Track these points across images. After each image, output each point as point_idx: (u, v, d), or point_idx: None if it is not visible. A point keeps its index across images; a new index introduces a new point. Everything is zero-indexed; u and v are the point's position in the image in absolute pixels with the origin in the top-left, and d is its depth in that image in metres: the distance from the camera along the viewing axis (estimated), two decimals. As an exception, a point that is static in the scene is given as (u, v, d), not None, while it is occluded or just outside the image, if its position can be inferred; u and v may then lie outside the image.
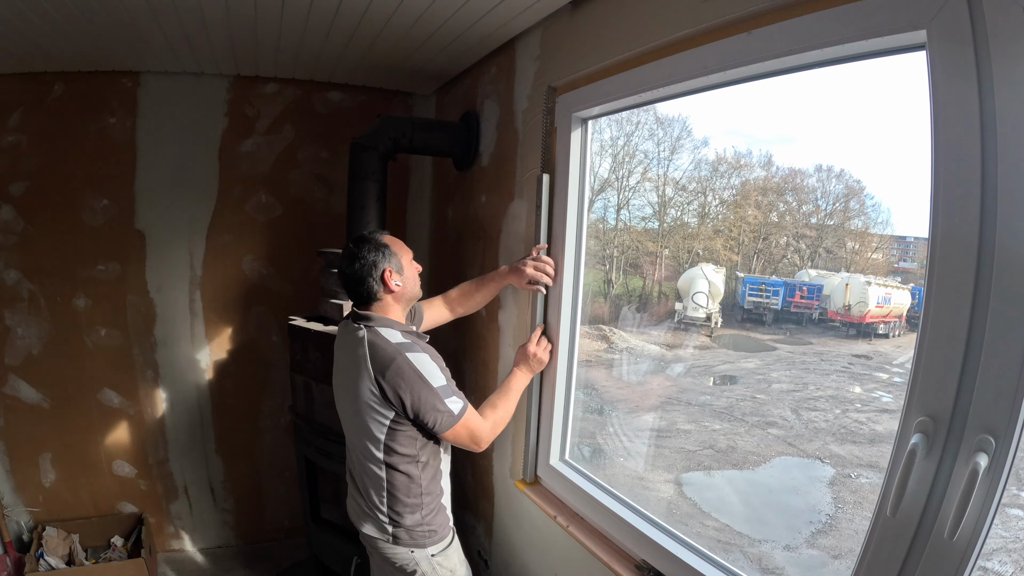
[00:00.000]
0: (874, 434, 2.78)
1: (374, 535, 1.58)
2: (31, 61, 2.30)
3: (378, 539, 1.58)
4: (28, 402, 2.60)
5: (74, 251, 2.57)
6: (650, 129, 3.72)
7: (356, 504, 1.64)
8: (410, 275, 1.62)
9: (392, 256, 1.56)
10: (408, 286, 1.61)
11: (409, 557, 1.57)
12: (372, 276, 1.53)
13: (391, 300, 1.58)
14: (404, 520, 1.55)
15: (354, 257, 1.53)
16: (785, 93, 1.73)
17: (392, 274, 1.55)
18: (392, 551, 1.57)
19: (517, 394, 1.76)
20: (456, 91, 2.67)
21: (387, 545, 1.57)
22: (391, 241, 1.59)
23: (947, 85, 0.86)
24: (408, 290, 1.61)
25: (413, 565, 1.57)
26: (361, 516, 1.62)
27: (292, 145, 2.81)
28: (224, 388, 2.87)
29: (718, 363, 3.87)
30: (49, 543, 2.52)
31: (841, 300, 3.15)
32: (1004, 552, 1.70)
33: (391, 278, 1.55)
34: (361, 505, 1.61)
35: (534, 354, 1.82)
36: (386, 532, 1.56)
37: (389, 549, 1.58)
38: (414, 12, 1.85)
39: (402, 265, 1.58)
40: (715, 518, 2.84)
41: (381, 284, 1.55)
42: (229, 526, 2.99)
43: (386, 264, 1.54)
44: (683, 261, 4.08)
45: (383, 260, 1.54)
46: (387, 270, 1.54)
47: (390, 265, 1.55)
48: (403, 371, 1.45)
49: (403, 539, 1.56)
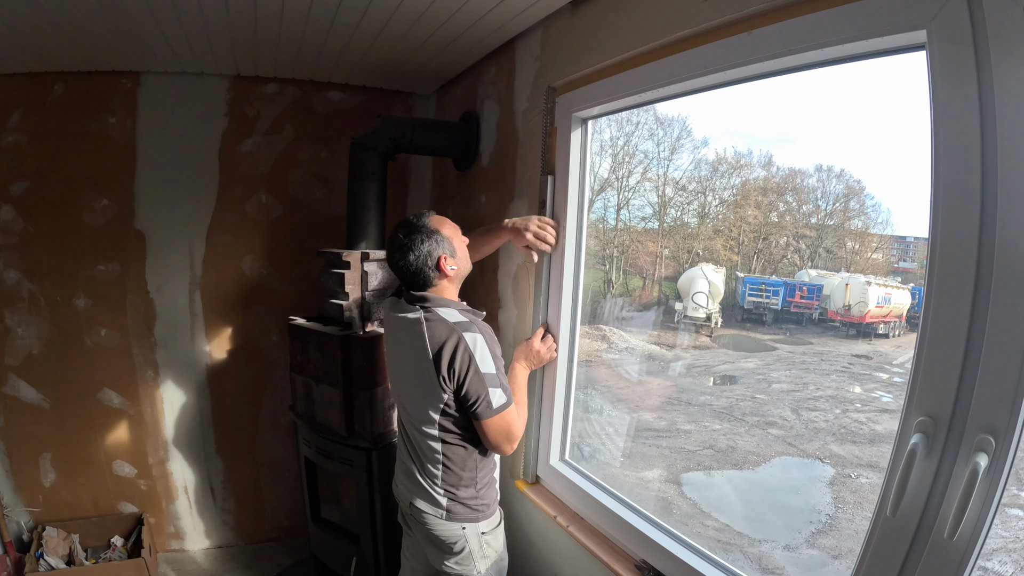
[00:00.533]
0: (874, 434, 2.78)
1: (426, 510, 1.57)
2: (31, 61, 2.29)
3: (429, 514, 1.57)
4: (28, 402, 2.59)
5: (74, 251, 2.57)
6: (650, 129, 3.72)
7: (407, 479, 1.64)
8: (463, 255, 1.60)
9: (444, 240, 1.54)
10: (462, 267, 1.60)
11: (460, 533, 1.57)
12: (428, 265, 1.52)
13: (447, 283, 1.58)
14: (459, 493, 1.56)
15: (407, 248, 1.50)
16: (785, 93, 1.73)
17: (447, 259, 1.54)
18: (443, 527, 1.57)
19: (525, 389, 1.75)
20: (456, 91, 2.67)
21: (438, 520, 1.57)
22: (440, 223, 1.56)
23: (947, 85, 0.86)
24: (462, 270, 1.61)
25: (463, 542, 1.57)
26: (411, 490, 1.61)
27: (292, 145, 2.81)
28: (224, 388, 2.87)
29: (718, 363, 3.87)
30: (49, 543, 2.52)
31: (841, 300, 3.15)
32: (1004, 552, 1.70)
33: (446, 264, 1.53)
34: (414, 479, 1.60)
35: (538, 351, 1.82)
36: (440, 507, 1.57)
37: (439, 525, 1.57)
38: (414, 12, 1.85)
39: (455, 248, 1.56)
40: (715, 518, 2.84)
41: (437, 272, 1.53)
42: (229, 526, 2.99)
43: (440, 251, 1.53)
44: (683, 261, 4.08)
45: (437, 247, 1.52)
46: (442, 256, 1.53)
47: (444, 251, 1.53)
48: (459, 350, 1.45)
49: (456, 513, 1.56)
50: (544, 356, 1.83)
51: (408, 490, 1.64)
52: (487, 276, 2.33)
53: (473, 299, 2.44)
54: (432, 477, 1.57)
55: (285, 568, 2.80)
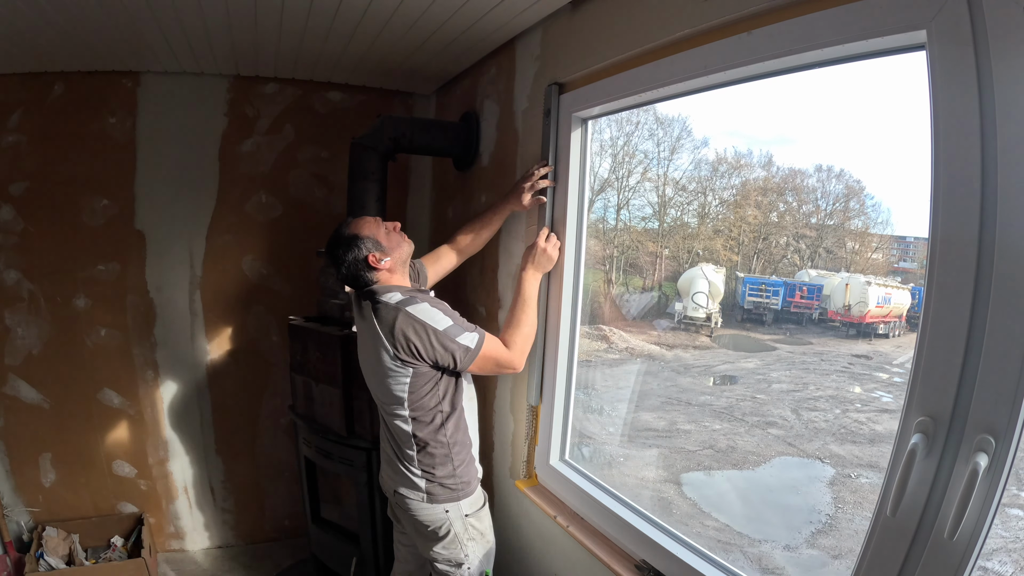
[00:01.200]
0: (874, 434, 2.78)
1: (408, 495, 1.61)
2: (31, 61, 2.29)
3: (411, 499, 1.61)
4: (28, 402, 2.59)
5: (74, 251, 2.56)
6: (650, 129, 3.73)
7: (388, 469, 1.69)
8: (391, 243, 1.64)
9: (364, 241, 1.59)
10: (395, 255, 1.64)
11: (443, 517, 1.60)
12: (360, 269, 1.59)
13: (386, 274, 1.62)
14: (436, 472, 1.59)
15: (337, 263, 1.60)
16: (785, 94, 1.73)
17: (375, 257, 1.59)
18: (426, 511, 1.61)
19: (534, 299, 1.75)
20: (456, 91, 2.67)
21: (421, 504, 1.60)
22: (357, 227, 1.62)
23: (947, 85, 0.86)
24: (397, 257, 1.64)
25: (448, 526, 1.60)
26: (394, 479, 1.66)
27: (292, 145, 2.81)
28: (224, 388, 2.87)
29: (718, 363, 3.87)
30: (49, 543, 2.52)
31: (841, 300, 3.15)
32: (1004, 552, 1.70)
33: (376, 261, 1.59)
34: (395, 466, 1.65)
35: (544, 249, 1.78)
36: (419, 490, 1.60)
37: (423, 510, 1.61)
38: (414, 12, 1.85)
39: (379, 241, 1.61)
40: (715, 518, 2.84)
41: (371, 270, 1.60)
42: (229, 526, 2.99)
43: (364, 252, 1.59)
44: (683, 261, 4.08)
45: (360, 251, 1.58)
46: (369, 256, 1.59)
47: (369, 251, 1.59)
48: (407, 324, 1.50)
49: (437, 495, 1.59)
50: (552, 255, 1.79)
51: (391, 479, 1.68)
52: (487, 276, 2.33)
53: (473, 299, 2.44)
54: (409, 460, 1.61)
55: (285, 568, 2.80)
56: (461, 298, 2.56)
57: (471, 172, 2.50)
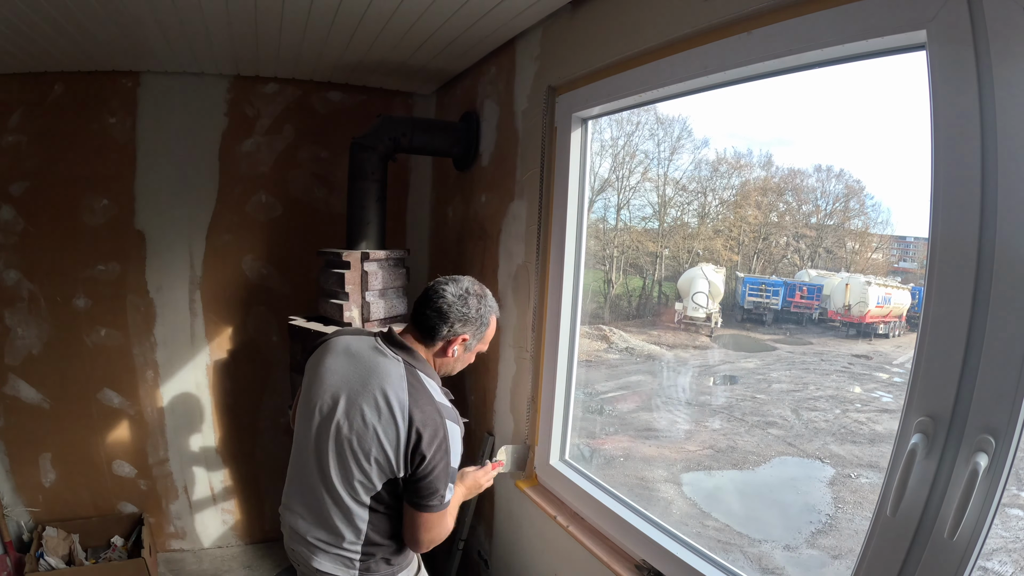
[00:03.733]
0: (874, 434, 2.78)
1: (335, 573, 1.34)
2: (31, 61, 2.29)
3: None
4: (28, 402, 2.59)
5: (74, 251, 2.57)
6: (650, 129, 3.73)
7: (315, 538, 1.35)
8: (465, 358, 1.45)
9: (481, 332, 1.40)
10: (455, 364, 1.44)
11: None
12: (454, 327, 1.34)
13: (431, 356, 1.39)
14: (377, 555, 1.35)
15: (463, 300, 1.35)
16: (784, 94, 1.73)
17: (463, 343, 1.38)
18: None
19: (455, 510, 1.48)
20: (456, 91, 2.67)
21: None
22: (494, 324, 1.44)
23: (947, 85, 0.86)
24: (449, 367, 1.44)
25: None
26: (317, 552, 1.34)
27: (292, 145, 2.81)
28: (224, 388, 2.87)
29: (718, 363, 3.87)
30: (49, 543, 2.51)
31: (841, 300, 3.15)
32: (1004, 552, 1.70)
33: (457, 344, 1.37)
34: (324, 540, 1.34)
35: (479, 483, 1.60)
36: (352, 567, 1.34)
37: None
38: (414, 12, 1.85)
39: (472, 347, 1.43)
40: (715, 518, 2.84)
41: (447, 341, 1.36)
42: (229, 526, 2.99)
43: (472, 331, 1.38)
44: (683, 261, 4.08)
45: (473, 327, 1.37)
46: (465, 337, 1.37)
47: (471, 336, 1.39)
48: (438, 437, 1.26)
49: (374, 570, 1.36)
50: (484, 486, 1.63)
51: (309, 550, 1.35)
52: (487, 276, 2.33)
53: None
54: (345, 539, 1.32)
55: (285, 568, 2.79)
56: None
57: (471, 172, 2.50)
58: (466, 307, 1.34)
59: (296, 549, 1.39)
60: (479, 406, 2.42)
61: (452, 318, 1.33)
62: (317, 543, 1.34)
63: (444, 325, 1.34)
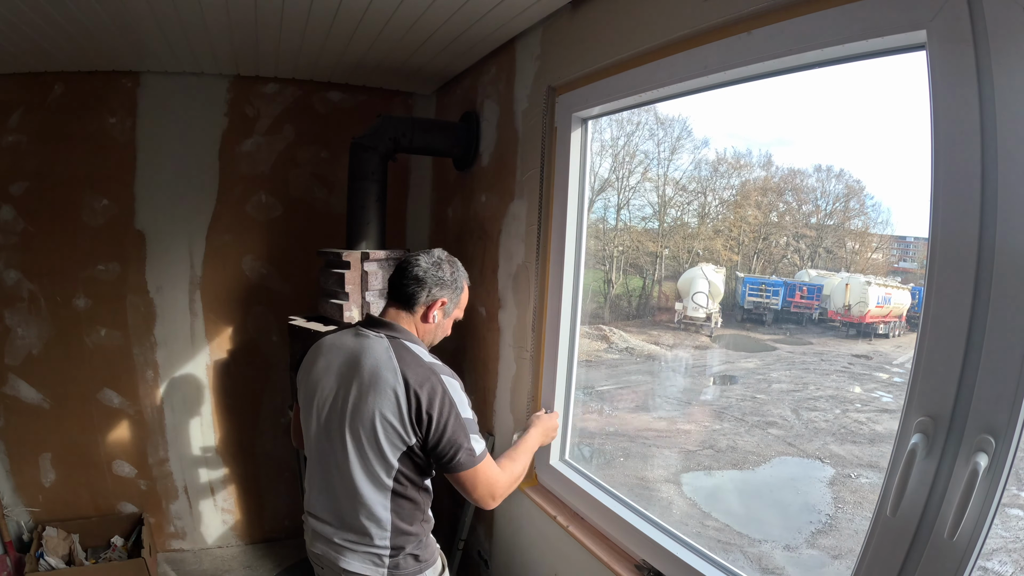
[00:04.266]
0: (874, 434, 2.78)
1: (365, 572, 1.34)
2: (31, 61, 2.29)
3: None
4: (28, 402, 2.59)
5: (74, 251, 2.56)
6: (650, 129, 3.73)
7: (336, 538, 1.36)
8: (444, 325, 1.49)
9: (456, 296, 1.45)
10: (436, 332, 1.48)
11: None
12: (432, 292, 1.40)
13: (415, 326, 1.43)
14: (406, 549, 1.36)
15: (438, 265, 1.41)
16: (784, 95, 1.73)
17: (442, 307, 1.43)
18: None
19: (531, 456, 1.62)
20: (456, 91, 2.67)
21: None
22: (467, 288, 1.50)
23: (947, 85, 0.86)
24: (432, 335, 1.47)
25: None
26: (343, 552, 1.35)
27: (292, 145, 2.81)
28: (224, 388, 2.87)
29: (718, 363, 3.87)
30: (49, 543, 2.51)
31: (841, 300, 3.16)
32: (1004, 552, 1.70)
33: (436, 309, 1.42)
34: (347, 538, 1.35)
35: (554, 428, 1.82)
36: (382, 565, 1.34)
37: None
38: (414, 12, 1.85)
39: (451, 312, 1.47)
40: (715, 518, 2.84)
41: (427, 306, 1.41)
42: (229, 526, 2.99)
43: (448, 294, 1.43)
44: (683, 261, 4.08)
45: (450, 290, 1.42)
46: (443, 300, 1.42)
47: (449, 300, 1.43)
48: (437, 393, 1.28)
49: (403, 568, 1.37)
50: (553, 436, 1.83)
51: (336, 551, 1.36)
52: (487, 277, 2.33)
53: (473, 299, 2.44)
54: (377, 536, 1.33)
55: (285, 568, 2.80)
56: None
57: (471, 172, 2.50)
58: (441, 271, 1.41)
59: (322, 552, 1.40)
60: (479, 406, 2.42)
61: (429, 283, 1.40)
62: (345, 543, 1.35)
63: (422, 291, 1.40)
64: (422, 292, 1.40)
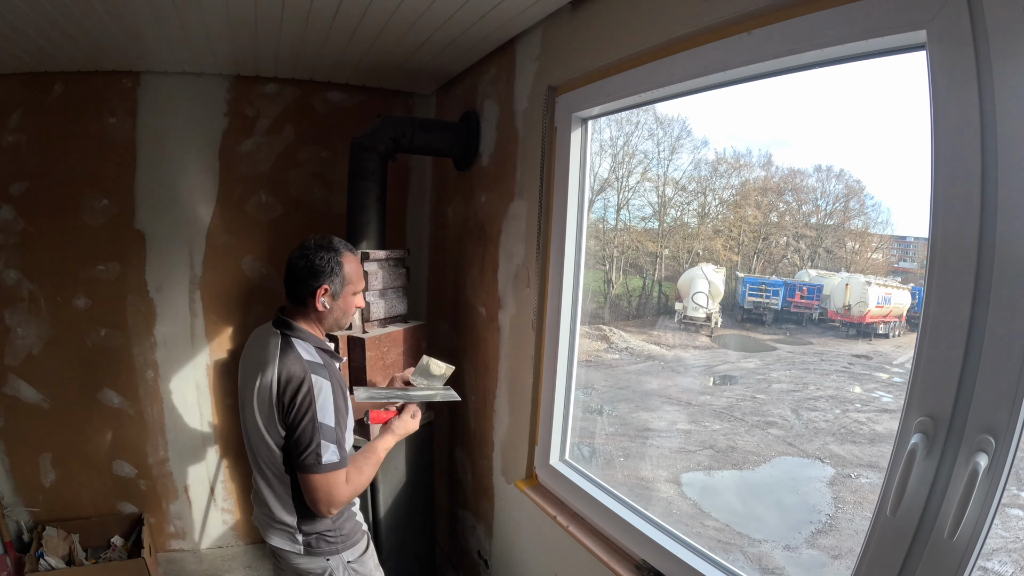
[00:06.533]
0: (874, 434, 2.78)
1: (284, 547, 1.49)
2: (31, 61, 2.29)
3: (289, 551, 1.49)
4: (28, 402, 2.59)
5: (74, 251, 2.56)
6: (650, 129, 3.73)
7: (262, 514, 1.53)
8: (343, 306, 1.51)
9: (337, 277, 1.47)
10: (334, 315, 1.51)
11: (324, 565, 1.49)
12: (309, 283, 1.45)
13: (312, 316, 1.50)
14: (315, 527, 1.47)
15: (304, 257, 1.45)
16: (784, 95, 1.73)
17: (325, 293, 1.46)
18: (305, 562, 1.49)
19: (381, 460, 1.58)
20: (456, 91, 2.67)
21: (299, 557, 1.49)
22: (350, 262, 1.50)
23: (947, 85, 0.86)
24: (332, 319, 1.52)
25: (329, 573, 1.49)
26: (268, 528, 1.51)
27: (292, 145, 2.81)
28: (224, 388, 2.87)
29: (718, 363, 3.87)
30: (49, 543, 2.51)
31: (841, 300, 3.16)
32: (1004, 552, 1.70)
33: (321, 296, 1.46)
34: (267, 515, 1.50)
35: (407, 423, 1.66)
36: (296, 543, 1.48)
37: (303, 561, 1.49)
38: (414, 12, 1.85)
39: (340, 292, 1.49)
40: (715, 518, 2.84)
41: (312, 297, 1.46)
42: (229, 526, 2.99)
43: (327, 282, 1.46)
44: (683, 261, 4.08)
45: (327, 276, 1.45)
46: (324, 287, 1.46)
47: (330, 284, 1.46)
48: (301, 388, 1.36)
49: (316, 547, 1.48)
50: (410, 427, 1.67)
51: (264, 527, 1.53)
52: (487, 277, 2.33)
53: (473, 299, 2.44)
54: (285, 513, 1.46)
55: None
56: (460, 299, 2.56)
57: (471, 172, 2.50)
58: (309, 262, 1.45)
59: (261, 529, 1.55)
60: (479, 406, 2.42)
61: (303, 276, 1.45)
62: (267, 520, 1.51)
63: (300, 286, 1.46)
64: (301, 288, 1.46)
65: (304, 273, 1.45)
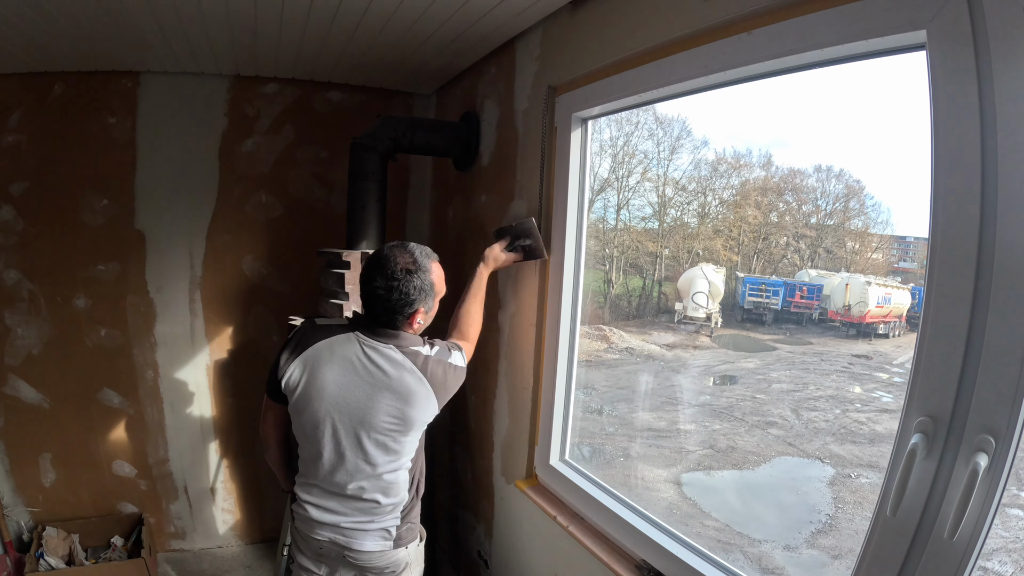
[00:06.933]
0: (874, 434, 2.78)
1: (375, 549, 1.50)
2: (31, 61, 2.29)
3: (376, 552, 1.50)
4: (28, 402, 2.59)
5: (74, 251, 2.56)
6: (650, 129, 3.73)
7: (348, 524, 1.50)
8: (432, 314, 1.54)
9: (430, 297, 1.47)
10: (427, 323, 1.54)
11: (403, 556, 1.55)
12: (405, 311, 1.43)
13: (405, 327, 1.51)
14: (410, 515, 1.55)
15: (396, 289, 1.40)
16: (784, 95, 1.73)
17: (421, 314, 1.47)
18: (389, 557, 1.52)
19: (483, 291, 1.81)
20: (456, 91, 2.67)
21: (384, 553, 1.51)
22: (436, 272, 1.49)
23: (947, 85, 0.86)
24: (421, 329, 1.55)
25: (404, 563, 1.56)
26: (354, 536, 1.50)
27: (292, 145, 2.81)
28: (224, 388, 2.87)
29: (718, 363, 3.87)
30: (49, 543, 2.52)
31: (841, 300, 3.16)
32: (1004, 552, 1.70)
33: (418, 318, 1.47)
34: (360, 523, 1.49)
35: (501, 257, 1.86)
36: (390, 538, 1.52)
37: (388, 557, 1.52)
38: (414, 12, 1.85)
39: (433, 307, 1.52)
40: (715, 518, 2.84)
41: (407, 321, 1.46)
42: (229, 526, 2.99)
43: (422, 304, 1.45)
44: (683, 261, 4.08)
45: (421, 300, 1.44)
46: (420, 310, 1.45)
47: (424, 304, 1.46)
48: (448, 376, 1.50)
49: (403, 537, 1.54)
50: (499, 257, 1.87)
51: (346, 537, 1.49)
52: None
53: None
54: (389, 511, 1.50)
55: (285, 568, 2.79)
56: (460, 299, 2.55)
57: (471, 172, 2.50)
58: (403, 294, 1.40)
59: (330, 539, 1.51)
60: (479, 406, 2.42)
61: (397, 307, 1.42)
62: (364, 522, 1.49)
63: (398, 316, 1.44)
64: (398, 317, 1.45)
65: (399, 304, 1.41)
